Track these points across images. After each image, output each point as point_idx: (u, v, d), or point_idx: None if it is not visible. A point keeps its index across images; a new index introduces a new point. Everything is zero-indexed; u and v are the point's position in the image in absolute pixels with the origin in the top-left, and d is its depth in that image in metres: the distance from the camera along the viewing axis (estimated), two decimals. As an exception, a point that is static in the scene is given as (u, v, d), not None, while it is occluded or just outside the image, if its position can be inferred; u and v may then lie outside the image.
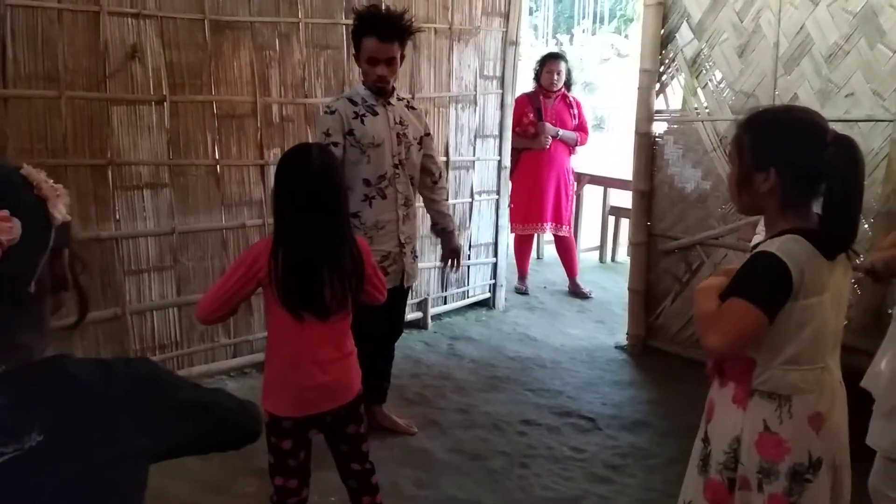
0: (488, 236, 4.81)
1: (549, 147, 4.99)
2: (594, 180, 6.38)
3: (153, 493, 0.97)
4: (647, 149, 4.04)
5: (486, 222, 4.77)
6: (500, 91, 4.66)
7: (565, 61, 5.17)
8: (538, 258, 6.29)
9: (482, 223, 4.74)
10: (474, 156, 4.59)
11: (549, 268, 5.99)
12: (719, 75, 3.72)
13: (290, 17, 3.61)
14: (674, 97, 3.99)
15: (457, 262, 3.21)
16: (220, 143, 3.50)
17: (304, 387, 2.01)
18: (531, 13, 19.52)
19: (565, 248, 5.33)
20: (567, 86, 5.14)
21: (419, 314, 4.44)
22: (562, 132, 5.02)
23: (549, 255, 6.18)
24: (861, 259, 2.49)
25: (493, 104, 4.65)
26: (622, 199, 5.78)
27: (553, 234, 5.33)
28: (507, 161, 4.79)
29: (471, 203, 4.63)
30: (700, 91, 3.81)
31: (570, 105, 5.12)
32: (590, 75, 19.38)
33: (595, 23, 23.65)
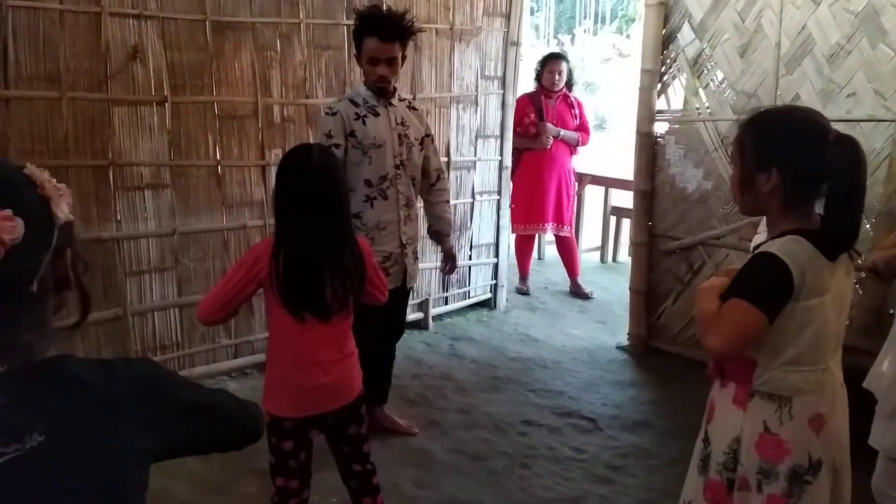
0: (489, 237, 4.81)
1: (550, 147, 4.99)
2: (595, 180, 6.38)
3: (154, 493, 0.97)
4: (649, 149, 4.04)
5: (487, 223, 4.77)
6: (502, 91, 4.66)
7: (566, 61, 5.17)
8: (539, 258, 6.29)
9: (483, 223, 4.74)
10: (475, 156, 4.59)
11: (550, 268, 5.99)
12: (721, 75, 3.72)
13: (291, 18, 3.61)
14: (675, 97, 3.98)
15: (451, 265, 3.26)
16: (222, 144, 3.50)
17: (305, 387, 2.00)
18: (532, 13, 19.51)
19: (566, 248, 5.33)
20: (568, 86, 5.13)
21: (420, 315, 4.44)
22: (563, 132, 5.02)
23: (551, 255, 6.18)
24: (863, 259, 2.49)
25: (495, 104, 4.65)
26: (623, 199, 5.77)
27: (554, 235, 5.33)
28: (509, 161, 4.79)
29: (472, 203, 4.63)
30: (701, 91, 3.81)
31: (572, 105, 5.12)
32: (591, 75, 19.40)
33: (596, 23, 23.66)
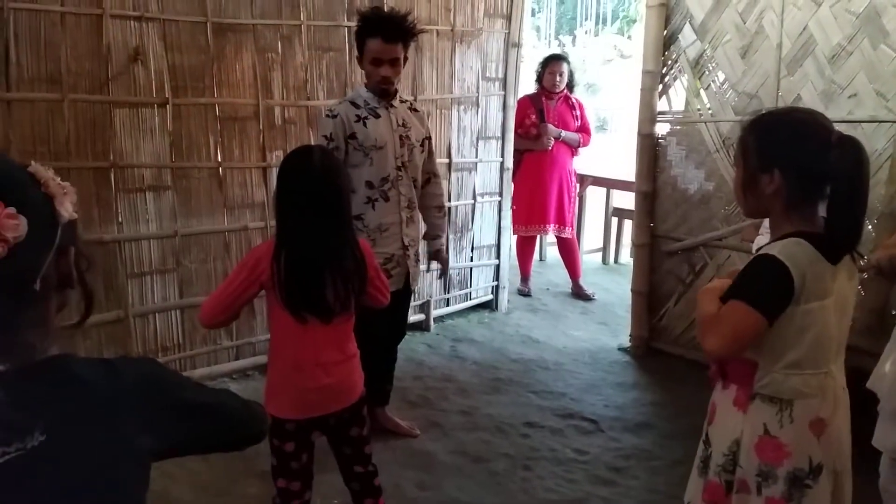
0: (491, 238, 4.81)
1: (551, 149, 4.99)
2: (597, 182, 6.38)
3: (155, 495, 0.97)
4: (650, 150, 4.04)
5: (488, 224, 4.77)
6: (503, 93, 4.66)
7: (567, 63, 5.18)
8: (541, 260, 6.28)
9: (485, 225, 4.74)
10: (476, 157, 4.59)
11: (551, 269, 5.98)
12: (722, 76, 3.71)
13: (292, 20, 3.61)
14: (677, 98, 3.98)
15: (442, 270, 3.32)
16: (223, 146, 3.50)
17: (306, 389, 2.00)
18: (533, 14, 19.56)
19: (568, 249, 5.32)
20: (569, 87, 5.14)
21: (422, 316, 4.43)
22: (564, 134, 5.02)
23: (552, 256, 6.18)
24: (865, 260, 2.48)
25: (496, 106, 4.65)
26: (625, 200, 5.77)
27: (556, 236, 5.34)
28: (510, 163, 4.79)
29: (473, 205, 4.63)
30: (703, 92, 3.81)
31: (573, 106, 5.12)
32: (592, 76, 19.43)
33: (598, 24, 23.69)
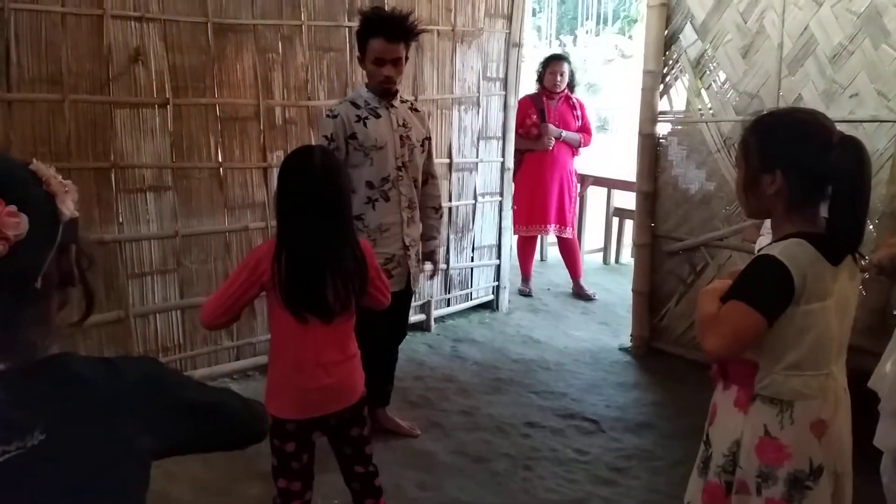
0: (491, 238, 4.80)
1: (552, 149, 4.99)
2: (598, 182, 6.38)
3: (155, 495, 0.97)
4: (651, 150, 4.03)
5: (489, 224, 4.76)
6: (504, 93, 4.66)
7: (568, 62, 5.18)
8: (541, 260, 6.28)
9: (485, 225, 4.74)
10: (477, 157, 4.58)
11: (552, 270, 5.98)
12: (723, 76, 3.71)
13: (292, 20, 3.61)
14: (677, 98, 3.98)
15: (433, 270, 3.33)
16: (224, 146, 3.50)
17: (307, 389, 2.00)
18: (534, 14, 19.56)
19: (569, 249, 5.32)
20: (570, 87, 5.13)
21: (422, 316, 4.43)
22: (565, 133, 5.02)
23: (553, 256, 6.18)
24: (866, 260, 2.48)
25: (496, 106, 4.65)
26: (626, 200, 5.77)
27: (556, 236, 5.33)
28: (511, 163, 4.79)
29: (474, 205, 4.62)
30: (704, 92, 3.80)
31: (574, 106, 5.12)
32: (593, 76, 19.43)
33: (598, 24, 23.69)
